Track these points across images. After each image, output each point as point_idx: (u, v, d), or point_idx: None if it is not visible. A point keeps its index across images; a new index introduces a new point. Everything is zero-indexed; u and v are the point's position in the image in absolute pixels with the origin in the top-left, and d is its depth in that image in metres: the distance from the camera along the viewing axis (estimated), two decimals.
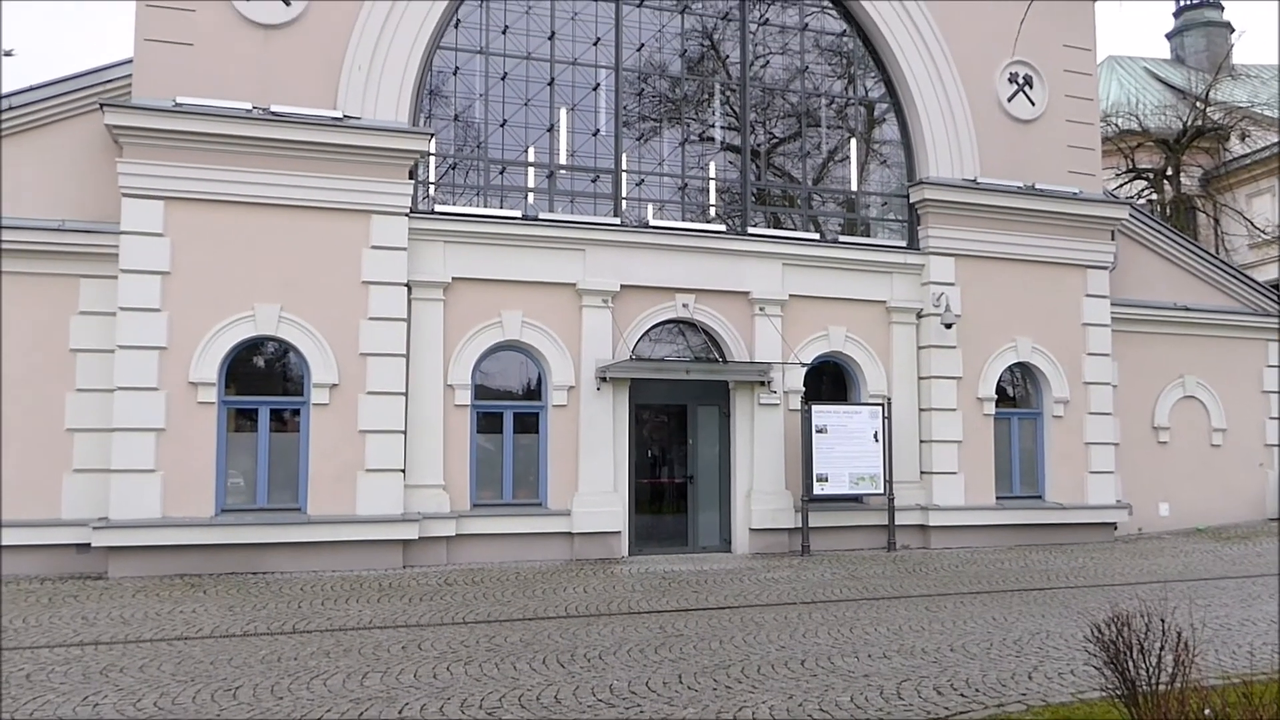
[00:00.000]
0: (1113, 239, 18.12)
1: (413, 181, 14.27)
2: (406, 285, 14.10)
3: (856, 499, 16.01)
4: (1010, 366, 17.31)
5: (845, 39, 17.38)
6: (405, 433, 13.95)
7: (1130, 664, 5.51)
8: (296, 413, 13.80)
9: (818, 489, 15.39)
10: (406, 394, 14.01)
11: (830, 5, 17.21)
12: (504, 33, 15.42)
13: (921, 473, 16.65)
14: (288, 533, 13.25)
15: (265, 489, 13.59)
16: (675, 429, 16.25)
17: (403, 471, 13.83)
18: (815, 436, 15.35)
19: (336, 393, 13.64)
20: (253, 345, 13.67)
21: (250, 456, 13.60)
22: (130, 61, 13.53)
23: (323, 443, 13.57)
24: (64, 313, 13.28)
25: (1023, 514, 17.00)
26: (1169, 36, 38.05)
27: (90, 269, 13.30)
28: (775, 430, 15.87)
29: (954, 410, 16.68)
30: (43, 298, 13.22)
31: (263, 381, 13.90)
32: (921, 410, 16.76)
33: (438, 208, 14.79)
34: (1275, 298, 20.23)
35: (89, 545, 12.73)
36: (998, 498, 16.95)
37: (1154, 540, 17.67)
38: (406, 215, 14.11)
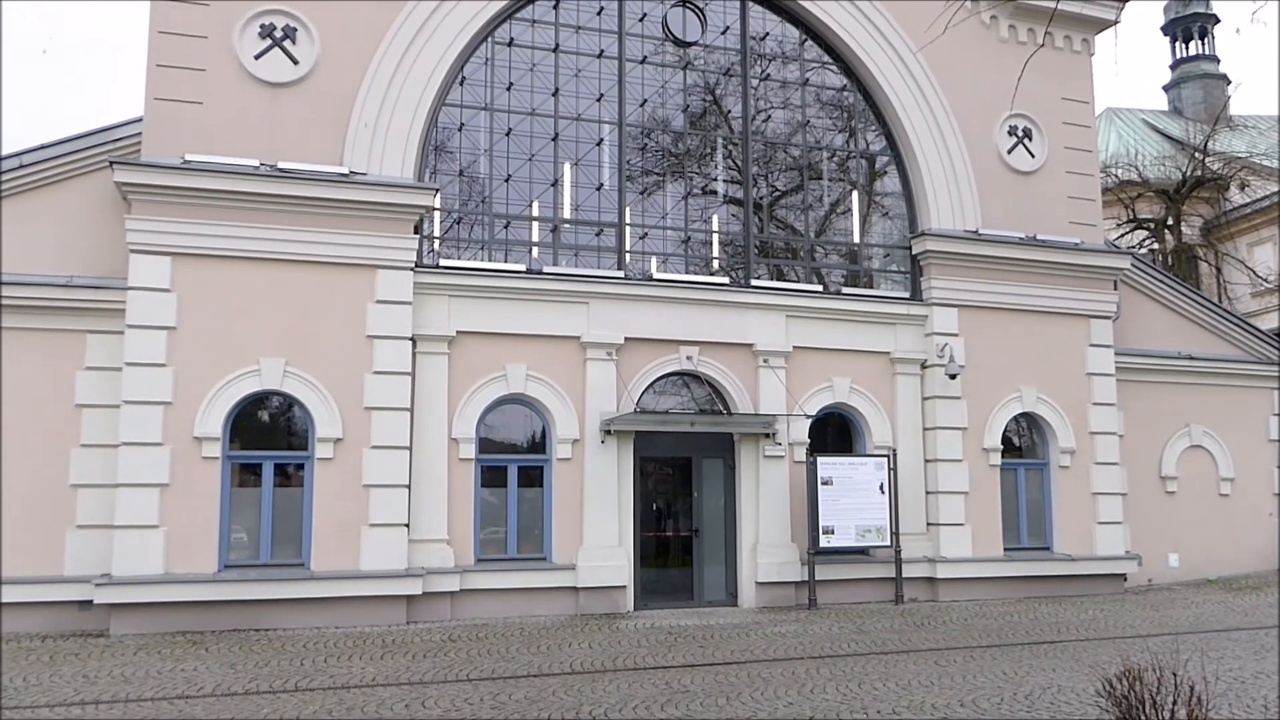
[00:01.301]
0: (1115, 289, 18.17)
1: (418, 236, 14.37)
2: (411, 339, 14.14)
3: (863, 551, 15.90)
4: (1016, 417, 17.27)
5: (846, 93, 17.58)
6: (409, 487, 13.91)
7: (1143, 719, 5.44)
8: (300, 467, 13.78)
9: (824, 541, 15.30)
10: (411, 448, 14.00)
11: (830, 61, 17.43)
12: (508, 90, 15.62)
13: (928, 524, 16.55)
14: (291, 589, 13.16)
15: (269, 544, 13.53)
16: (680, 482, 16.19)
17: (407, 526, 13.77)
18: (821, 489, 15.29)
19: (340, 447, 13.63)
20: (257, 400, 13.69)
21: (254, 511, 13.56)
22: (139, 120, 13.71)
23: (326, 497, 13.53)
24: (70, 368, 13.32)
25: (1031, 565, 16.86)
26: (1166, 88, 38.49)
27: (97, 324, 13.37)
28: (780, 482, 15.81)
29: (960, 461, 16.61)
30: (50, 353, 13.27)
31: (267, 436, 13.89)
32: (927, 461, 16.70)
33: (442, 262, 14.88)
34: (1278, 346, 20.22)
35: (91, 602, 12.65)
36: (1005, 549, 16.82)
37: (1164, 591, 17.50)
38: (411, 270, 14.19)
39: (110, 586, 12.50)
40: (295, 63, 14.08)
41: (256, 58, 13.91)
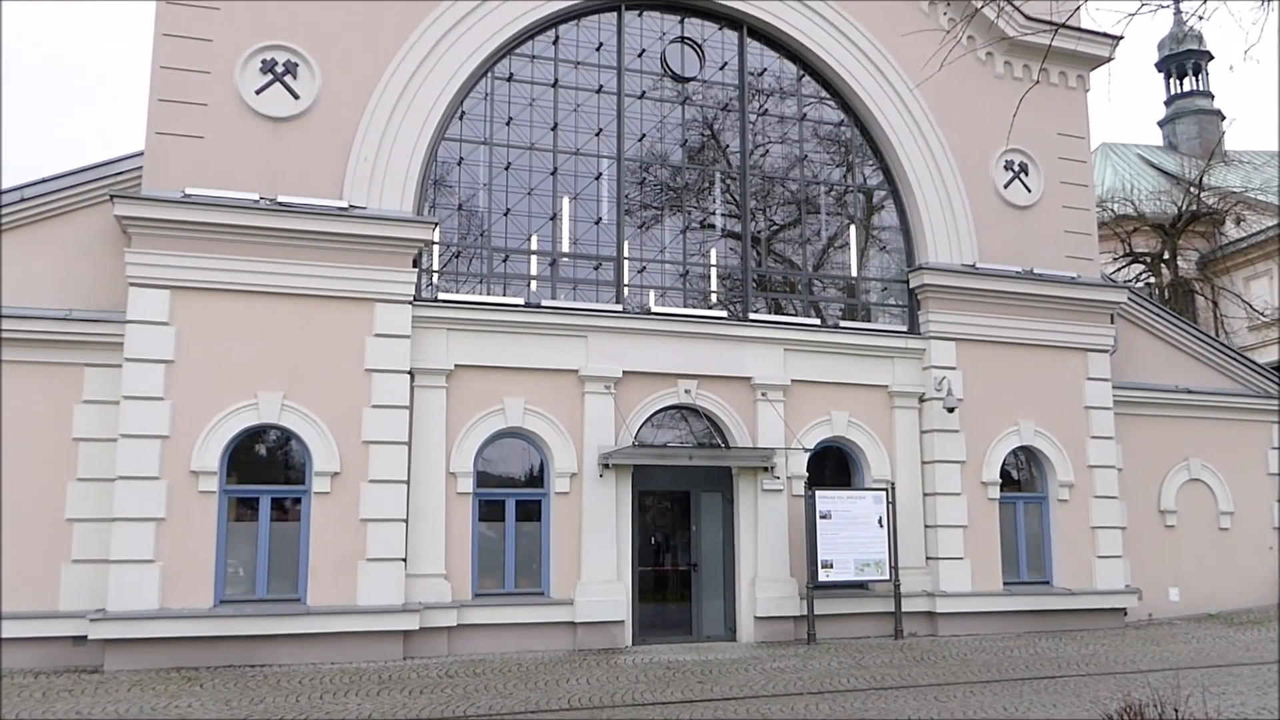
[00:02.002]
0: (1112, 322, 18.22)
1: (417, 270, 14.41)
2: (409, 373, 14.14)
3: (862, 586, 15.82)
4: (1014, 450, 17.25)
5: (843, 128, 17.70)
6: (407, 521, 13.86)
7: None
8: (298, 501, 13.73)
9: (823, 576, 15.23)
10: (408, 482, 13.96)
11: (828, 96, 17.57)
12: (508, 124, 15.72)
13: (927, 558, 16.49)
14: (287, 624, 13.07)
15: (265, 579, 13.45)
16: (679, 515, 16.13)
17: (404, 561, 13.71)
18: (819, 522, 15.24)
19: (338, 481, 13.59)
20: (255, 433, 13.66)
21: (250, 546, 13.49)
22: (140, 154, 13.79)
23: (323, 532, 13.47)
24: (68, 401, 13.30)
25: (1031, 600, 16.78)
26: (1161, 124, 38.75)
27: (95, 358, 13.37)
28: (779, 516, 15.77)
29: (958, 495, 16.58)
30: (48, 386, 13.26)
31: (264, 470, 13.85)
32: (926, 495, 16.67)
33: (441, 295, 14.91)
34: (1276, 380, 20.25)
35: (85, 638, 12.55)
36: (1005, 583, 16.75)
37: (1165, 625, 17.41)
38: (410, 303, 14.22)
39: (105, 622, 12.42)
40: (296, 97, 14.18)
41: (258, 92, 14.00)
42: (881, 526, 15.56)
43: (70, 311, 13.41)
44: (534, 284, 15.56)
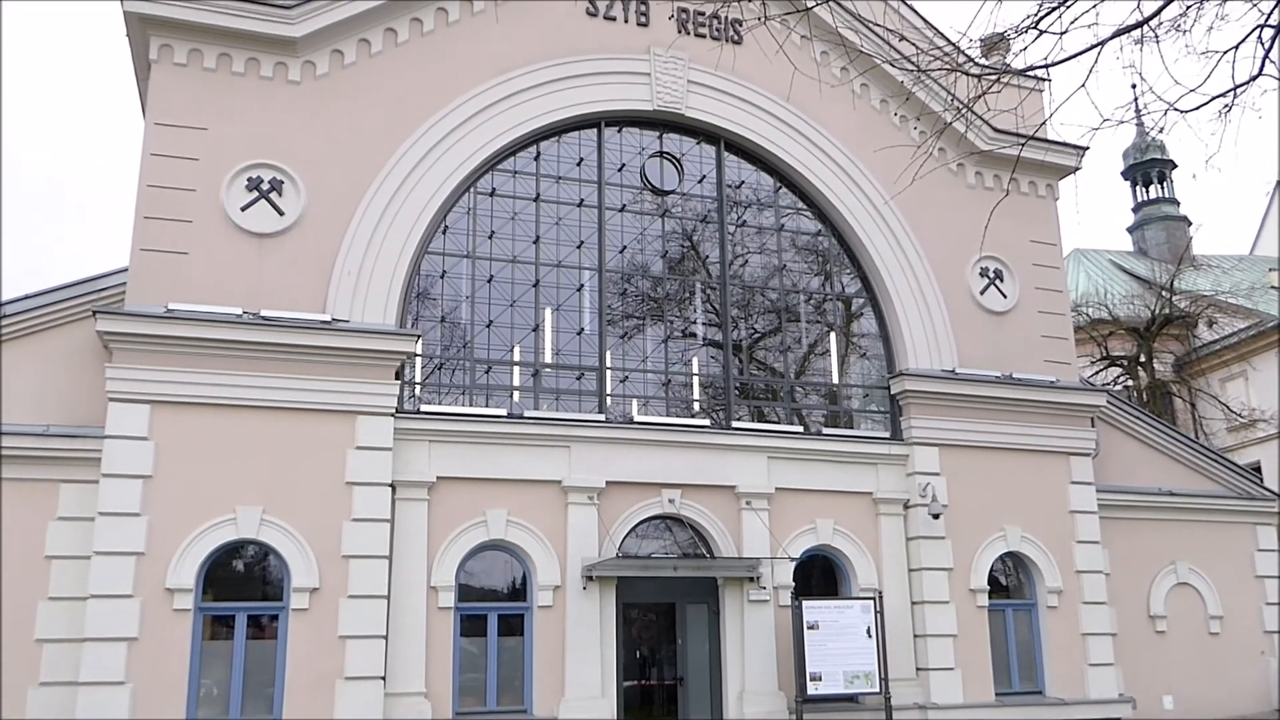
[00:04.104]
0: (1093, 425, 18.31)
1: (399, 382, 14.41)
2: (391, 485, 14.02)
3: (852, 699, 15.49)
4: (1001, 556, 17.14)
5: (820, 238, 18.01)
6: (386, 638, 13.56)
7: None
8: (275, 618, 13.44)
9: (812, 689, 14.90)
10: (389, 597, 13.71)
11: (805, 207, 17.92)
12: (490, 238, 15.93)
13: (917, 669, 16.20)
14: None
15: (239, 699, 13.07)
16: (664, 628, 15.86)
17: (383, 679, 13.36)
18: (807, 633, 14.98)
19: (316, 597, 13.33)
20: (233, 549, 13.45)
21: (225, 665, 13.15)
22: (122, 271, 13.88)
23: (300, 650, 13.16)
24: (42, 518, 13.06)
25: (1024, 710, 16.46)
26: (1130, 230, 39.65)
27: (71, 474, 13.19)
28: (766, 627, 15.52)
29: (947, 603, 16.39)
30: (22, 503, 13.04)
31: (241, 586, 13.59)
32: (914, 603, 16.47)
33: (423, 407, 14.89)
34: (1258, 482, 20.30)
35: None
36: (997, 694, 16.45)
37: None
38: (392, 415, 14.18)
39: None
40: (281, 214, 14.35)
41: (243, 209, 14.18)
42: (870, 637, 15.30)
43: (48, 427, 13.29)
44: (517, 395, 15.57)
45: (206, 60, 14.40)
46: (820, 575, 16.58)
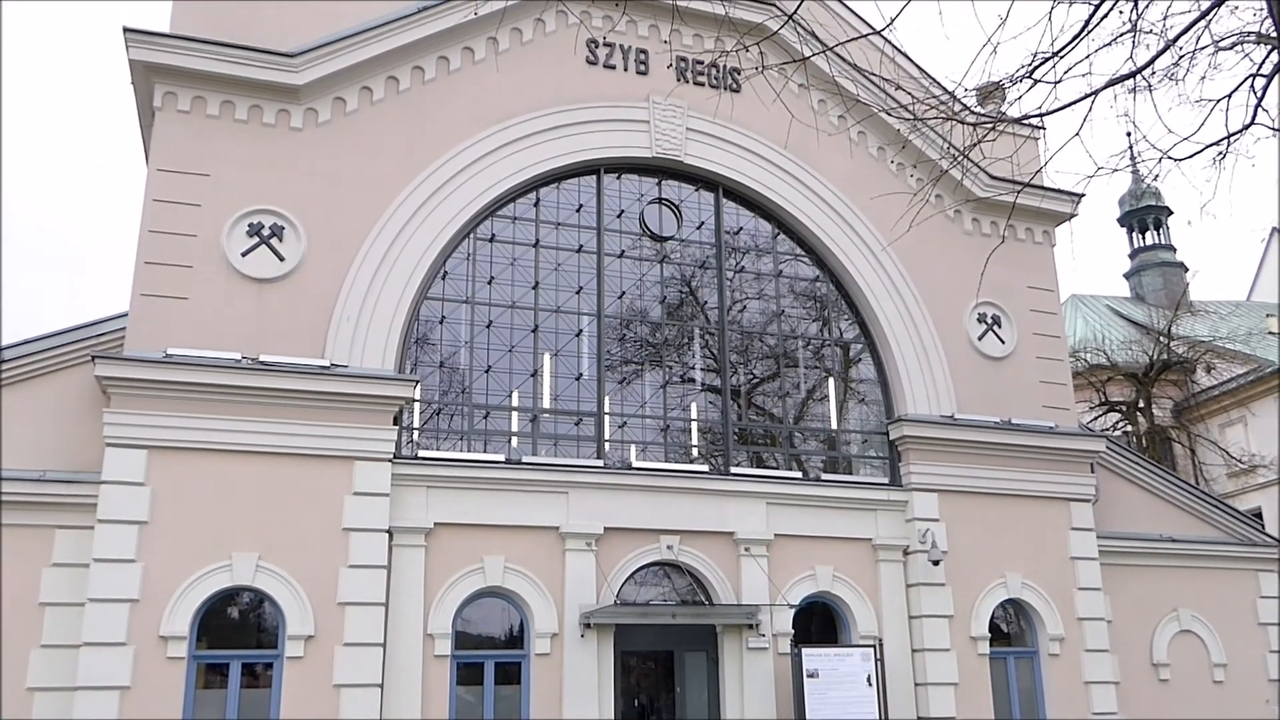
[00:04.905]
0: (1093, 471, 18.26)
1: (397, 427, 14.39)
2: (388, 532, 13.95)
3: None
4: (1002, 603, 17.01)
5: (818, 284, 18.08)
6: (382, 686, 13.41)
7: None
8: (269, 666, 13.30)
9: None
10: (384, 644, 13.58)
11: (803, 253, 18.01)
12: (489, 283, 15.99)
13: (918, 718, 16.01)
14: None
15: None
16: (662, 676, 15.70)
17: None
18: (807, 682, 14.83)
19: (312, 644, 13.21)
20: (228, 596, 13.34)
21: (218, 714, 12.98)
22: (120, 316, 13.91)
23: (295, 698, 13.00)
24: (37, 565, 12.96)
25: None
26: (1127, 276, 39.77)
27: (67, 520, 13.11)
28: (765, 675, 15.36)
29: (948, 650, 16.24)
30: (17, 550, 12.94)
31: (236, 633, 13.46)
32: (914, 651, 16.32)
33: (421, 453, 14.85)
34: (1260, 527, 20.20)
35: None
36: None
37: None
38: (390, 461, 14.14)
39: None
40: (281, 259, 14.41)
41: (244, 254, 14.24)
42: (870, 685, 15.14)
43: (44, 472, 13.24)
44: (515, 440, 15.54)
45: (210, 107, 14.54)
46: (820, 623, 16.44)
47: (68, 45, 73.19)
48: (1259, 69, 9.77)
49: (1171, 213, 39.74)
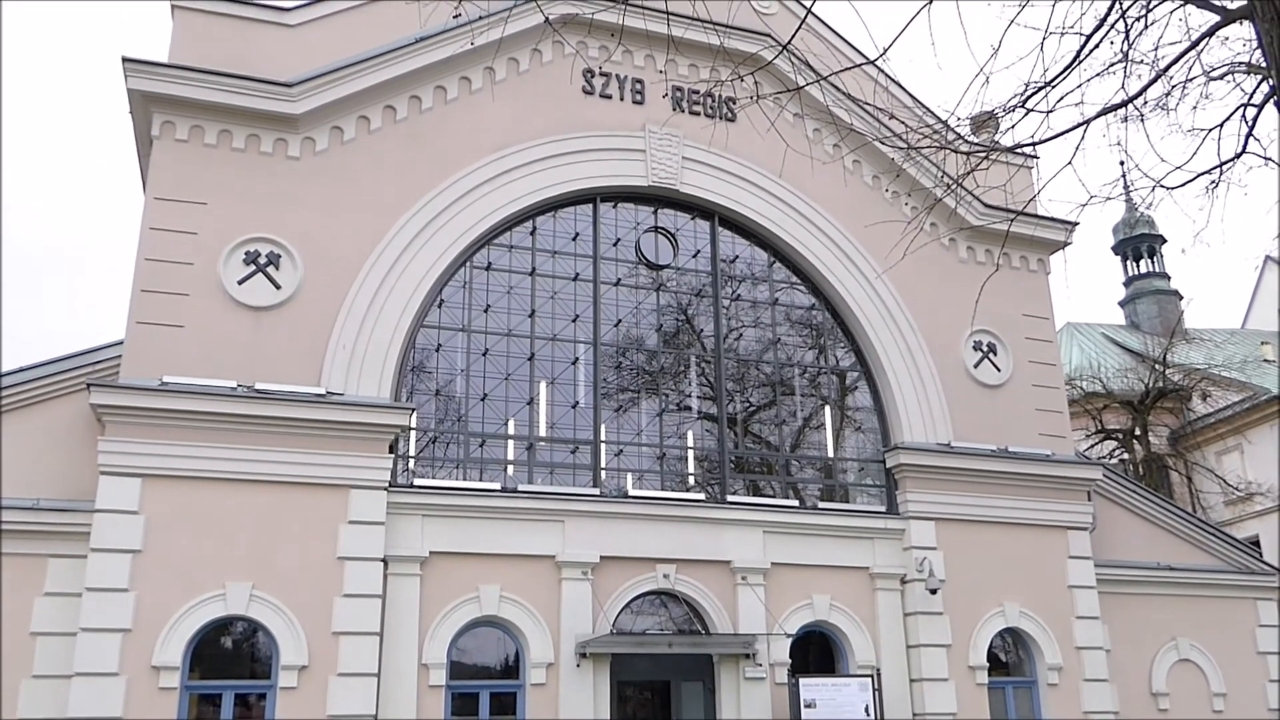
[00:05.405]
0: (1089, 499, 18.23)
1: (393, 456, 14.35)
2: (383, 560, 13.88)
3: None
4: (1000, 632, 16.92)
5: (814, 312, 18.11)
6: (376, 717, 13.29)
7: None
8: (262, 697, 13.19)
9: None
10: (379, 674, 13.48)
11: (799, 281, 18.05)
12: (486, 311, 16.00)
13: None
14: None
15: None
16: (659, 707, 15.60)
17: None
18: (804, 712, 14.73)
19: (305, 675, 13.11)
20: (221, 625, 13.25)
21: None
22: (115, 344, 13.91)
23: None
24: (29, 594, 12.89)
25: None
26: (1122, 304, 39.86)
27: (60, 548, 13.05)
28: (762, 706, 15.25)
29: (945, 680, 16.14)
30: (9, 579, 12.87)
31: (229, 663, 13.36)
32: (912, 680, 16.21)
33: (417, 481, 14.81)
34: (1258, 556, 20.15)
35: None
36: None
37: None
38: (385, 489, 14.09)
39: None
40: (278, 287, 14.43)
41: (240, 282, 14.25)
42: (868, 715, 15.03)
43: (38, 501, 13.18)
44: (511, 469, 15.50)
45: (208, 136, 14.60)
46: (817, 652, 16.35)
47: (67, 71, 73.59)
48: (1249, 98, 9.85)
49: (1165, 241, 39.89)
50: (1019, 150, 10.54)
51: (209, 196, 14.40)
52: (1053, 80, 9.33)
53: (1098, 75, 9.75)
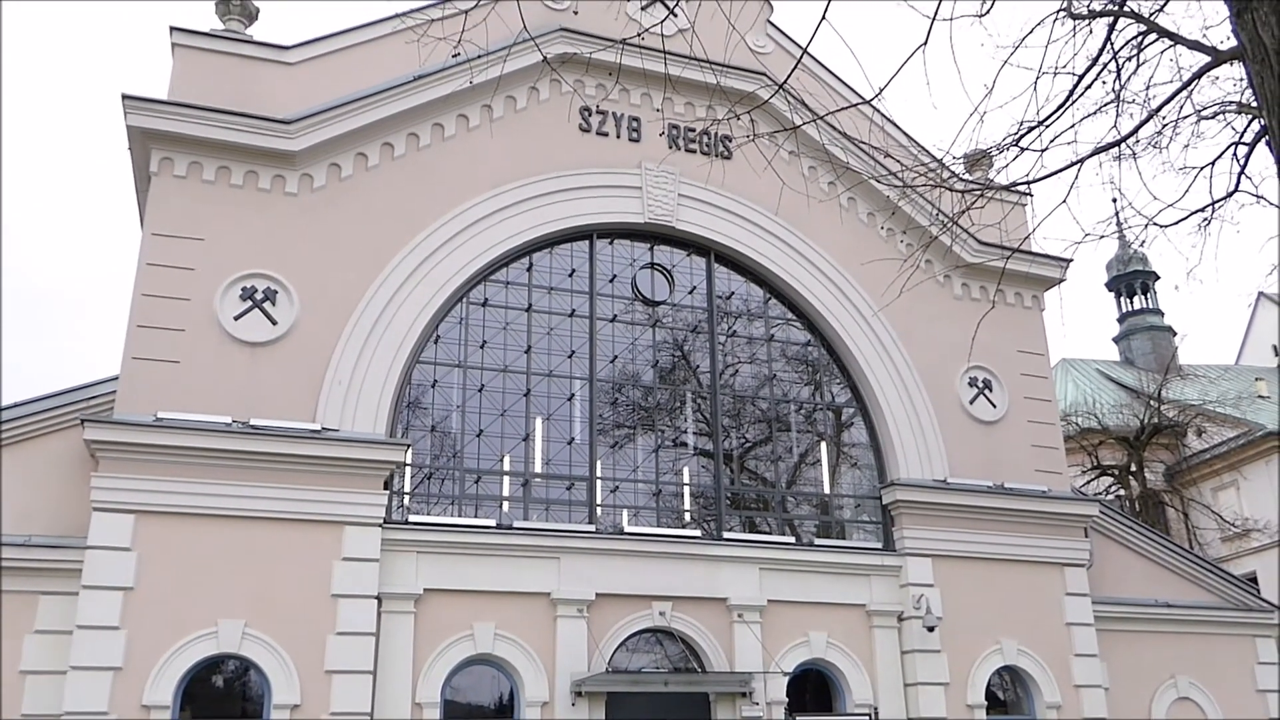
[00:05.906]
0: (1086, 536, 18.17)
1: (388, 492, 14.29)
2: (377, 598, 13.78)
3: None
4: (998, 670, 16.81)
5: (810, 348, 18.13)
6: None
7: None
8: None
9: None
10: (371, 714, 13.34)
11: (794, 318, 18.09)
12: (482, 347, 16.01)
13: None
14: None
15: None
16: None
17: None
18: None
19: (298, 714, 12.97)
20: (213, 664, 13.13)
21: None
22: (108, 380, 13.89)
23: None
24: (19, 632, 12.79)
25: None
26: (1116, 340, 39.99)
27: (51, 585, 12.96)
28: None
29: (944, 719, 16.00)
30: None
31: (220, 703, 13.23)
32: None
33: (412, 517, 14.74)
34: (1256, 592, 20.07)
35: None
36: None
37: None
38: (380, 526, 14.02)
39: None
40: (274, 323, 14.43)
41: (236, 318, 14.26)
42: None
43: (30, 537, 13.09)
44: (506, 505, 15.44)
45: (206, 172, 14.66)
46: (814, 690, 16.21)
47: (66, 108, 73.98)
48: (1240, 137, 9.95)
49: (1159, 277, 40.11)
50: (1013, 188, 10.60)
51: (206, 232, 14.43)
52: (1046, 119, 9.42)
53: (1091, 115, 9.85)
